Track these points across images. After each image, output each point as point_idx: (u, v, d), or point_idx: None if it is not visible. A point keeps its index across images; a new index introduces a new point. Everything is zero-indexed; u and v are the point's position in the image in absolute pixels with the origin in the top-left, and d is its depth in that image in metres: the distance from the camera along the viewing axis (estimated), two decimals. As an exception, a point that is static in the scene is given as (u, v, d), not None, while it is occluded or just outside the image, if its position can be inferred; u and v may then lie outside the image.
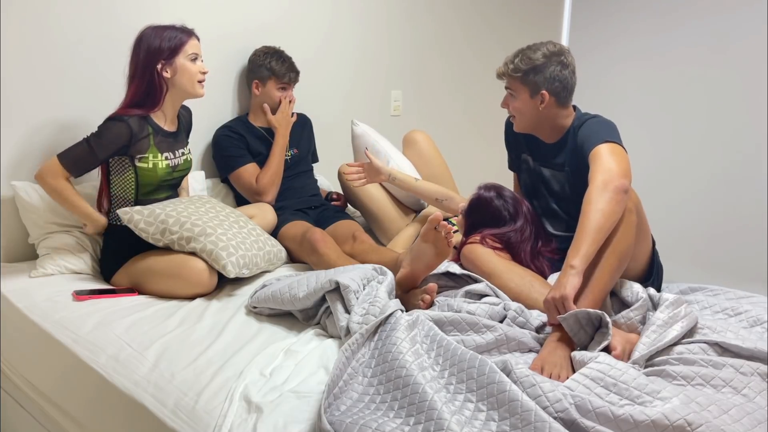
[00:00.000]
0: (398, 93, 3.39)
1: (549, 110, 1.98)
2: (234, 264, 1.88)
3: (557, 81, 1.95)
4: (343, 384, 1.32)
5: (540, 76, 1.94)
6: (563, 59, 1.96)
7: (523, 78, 1.96)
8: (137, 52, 1.96)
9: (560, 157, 2.03)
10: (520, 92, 1.98)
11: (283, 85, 2.56)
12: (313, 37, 2.95)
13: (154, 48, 1.94)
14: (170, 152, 2.04)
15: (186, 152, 2.12)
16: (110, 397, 1.48)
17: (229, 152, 2.49)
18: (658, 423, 1.13)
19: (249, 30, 2.68)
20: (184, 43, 1.97)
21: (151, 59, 1.94)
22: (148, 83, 1.95)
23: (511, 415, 1.17)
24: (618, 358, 1.42)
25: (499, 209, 2.01)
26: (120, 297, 1.86)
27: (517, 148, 2.23)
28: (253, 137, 2.55)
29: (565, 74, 1.96)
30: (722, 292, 1.79)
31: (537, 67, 1.94)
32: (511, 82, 1.99)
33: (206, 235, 1.89)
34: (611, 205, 1.61)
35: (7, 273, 2.01)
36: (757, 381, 1.35)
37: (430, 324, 1.48)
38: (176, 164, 2.07)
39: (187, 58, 1.98)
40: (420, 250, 1.71)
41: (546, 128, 2.03)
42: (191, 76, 2.00)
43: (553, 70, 1.94)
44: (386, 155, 2.54)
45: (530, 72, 1.94)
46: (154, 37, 1.95)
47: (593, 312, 1.48)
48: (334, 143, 3.00)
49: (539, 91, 1.95)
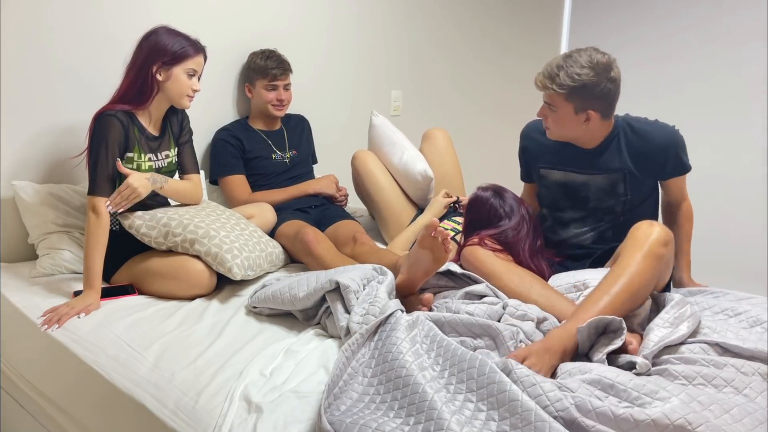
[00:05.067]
0: (398, 93, 3.39)
1: (592, 125, 1.88)
2: (239, 266, 1.88)
3: (605, 99, 1.82)
4: (343, 384, 1.32)
5: (589, 94, 1.80)
6: (612, 75, 1.81)
7: (569, 95, 1.81)
8: (142, 47, 1.93)
9: (605, 160, 1.96)
10: (563, 107, 1.85)
11: (271, 84, 2.54)
12: (312, 39, 2.95)
13: (159, 48, 1.91)
14: (153, 154, 2.00)
15: (171, 155, 2.07)
16: (110, 398, 1.48)
17: (223, 159, 2.51)
18: (659, 422, 1.13)
19: (249, 35, 2.68)
20: (189, 56, 1.94)
21: (151, 57, 1.91)
22: (143, 80, 1.92)
23: (511, 414, 1.16)
24: (634, 352, 1.42)
25: (495, 207, 2.02)
26: (120, 298, 1.86)
27: (533, 162, 2.13)
28: (251, 141, 2.56)
29: (612, 88, 1.82)
30: (722, 294, 1.79)
31: (586, 86, 1.79)
32: (554, 97, 1.84)
33: (210, 237, 1.89)
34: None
35: (7, 273, 2.01)
36: (759, 381, 1.35)
37: (430, 324, 1.47)
38: (159, 167, 2.03)
39: (185, 72, 1.94)
40: (417, 256, 1.71)
41: (585, 139, 1.95)
42: (181, 89, 1.95)
43: (604, 88, 1.80)
44: (402, 147, 2.55)
45: (578, 89, 1.80)
46: (163, 37, 1.92)
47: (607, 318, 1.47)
48: (335, 143, 3.01)
49: (586, 109, 1.84)
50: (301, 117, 2.79)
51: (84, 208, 2.14)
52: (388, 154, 2.59)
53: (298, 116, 2.78)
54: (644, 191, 1.99)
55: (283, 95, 2.57)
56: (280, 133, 2.66)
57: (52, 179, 2.19)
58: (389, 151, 2.58)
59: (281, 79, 2.55)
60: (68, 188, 2.17)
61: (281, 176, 2.59)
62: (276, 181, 2.57)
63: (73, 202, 2.14)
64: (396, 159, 2.55)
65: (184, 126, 2.14)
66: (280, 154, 2.61)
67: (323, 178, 2.62)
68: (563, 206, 2.07)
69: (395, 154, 2.56)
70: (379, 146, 2.62)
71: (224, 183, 2.52)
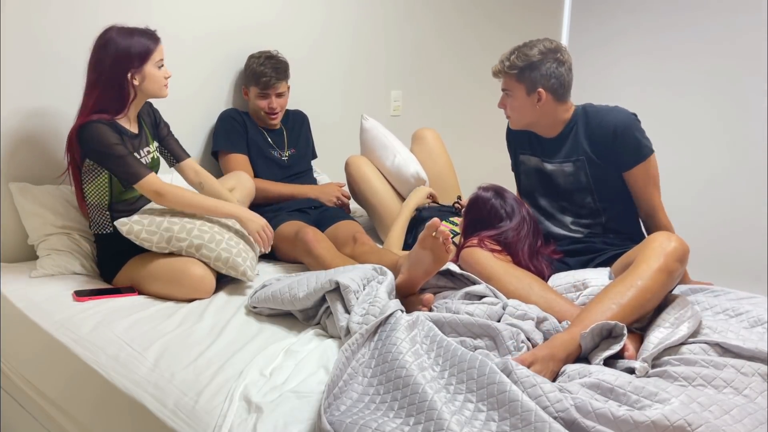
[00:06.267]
0: (398, 93, 3.39)
1: (546, 107, 1.98)
2: (250, 268, 1.92)
3: (553, 78, 1.95)
4: (343, 384, 1.32)
5: (536, 73, 1.94)
6: (559, 56, 1.96)
7: (519, 75, 1.96)
8: (103, 57, 1.89)
9: (566, 148, 2.03)
10: (516, 90, 1.98)
11: (263, 92, 2.51)
12: (311, 39, 2.95)
13: (123, 55, 1.88)
14: (137, 152, 2.00)
15: (152, 150, 2.07)
16: (110, 398, 1.48)
17: (228, 135, 2.51)
18: (659, 424, 1.13)
19: (244, 30, 2.68)
20: (152, 50, 1.92)
21: (120, 66, 1.88)
22: (117, 89, 1.90)
23: (511, 415, 1.16)
24: (631, 357, 1.42)
25: (495, 208, 2.01)
26: (120, 297, 1.86)
27: (516, 149, 2.22)
28: (254, 132, 2.57)
29: (561, 71, 1.96)
30: (723, 293, 1.78)
31: (533, 64, 1.94)
32: (507, 79, 1.99)
33: (217, 242, 1.90)
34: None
35: (7, 273, 2.01)
36: (759, 382, 1.35)
37: (430, 324, 1.47)
38: (144, 164, 2.01)
39: (155, 65, 1.94)
40: (418, 256, 1.70)
41: (544, 124, 2.03)
42: (158, 82, 1.96)
43: (549, 66, 1.94)
44: (393, 150, 2.55)
45: (526, 69, 1.95)
46: (121, 42, 1.89)
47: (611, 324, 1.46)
48: (335, 143, 3.00)
49: (536, 88, 1.95)
50: (301, 113, 2.78)
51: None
52: (380, 158, 2.59)
53: (298, 113, 2.78)
54: (609, 182, 2.01)
55: (275, 103, 2.53)
56: (280, 132, 2.66)
57: (51, 181, 2.18)
58: (381, 154, 2.59)
59: (273, 87, 2.51)
60: (67, 189, 2.16)
61: (278, 174, 2.58)
62: (273, 178, 2.57)
63: (72, 203, 2.14)
64: (388, 162, 2.56)
65: (159, 120, 2.15)
66: (278, 151, 2.61)
67: (326, 186, 2.61)
68: (539, 194, 2.13)
69: (387, 157, 2.57)
70: (372, 150, 2.62)
71: (227, 160, 2.49)
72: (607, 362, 1.42)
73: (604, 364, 1.41)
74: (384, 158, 2.58)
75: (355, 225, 2.38)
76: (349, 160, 2.62)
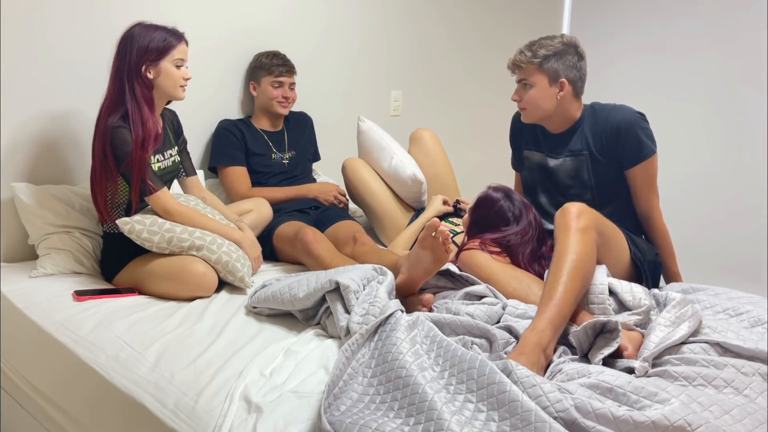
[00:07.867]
0: (398, 93, 3.39)
1: (565, 99, 1.98)
2: (248, 275, 1.94)
3: (575, 69, 1.96)
4: (343, 384, 1.32)
5: (560, 63, 1.94)
6: (580, 50, 1.98)
7: (542, 64, 1.94)
8: (124, 50, 1.91)
9: (571, 144, 2.03)
10: (538, 80, 1.96)
11: (277, 80, 2.55)
12: (311, 39, 2.95)
13: (143, 48, 1.90)
14: (161, 154, 2.02)
15: (173, 154, 2.09)
16: (110, 397, 1.48)
17: (225, 149, 2.52)
18: (659, 424, 1.13)
19: (249, 31, 2.69)
20: (173, 47, 1.93)
21: (139, 59, 1.90)
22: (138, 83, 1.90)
23: (512, 415, 1.16)
24: (630, 357, 1.41)
25: (503, 210, 2.00)
26: (120, 297, 1.86)
27: (520, 144, 2.22)
28: (253, 138, 2.57)
29: (581, 65, 1.98)
30: (723, 292, 1.78)
31: (558, 53, 1.94)
32: (528, 70, 1.97)
33: (218, 245, 1.91)
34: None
35: (7, 273, 2.01)
36: (759, 382, 1.35)
37: (430, 324, 1.47)
38: (165, 166, 2.04)
39: (173, 63, 1.94)
40: (418, 256, 1.70)
41: (557, 118, 2.03)
42: (174, 81, 1.96)
43: (572, 58, 1.95)
44: (391, 152, 2.55)
45: (551, 57, 1.94)
46: (143, 36, 1.91)
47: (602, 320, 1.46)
48: (335, 143, 3.00)
49: (559, 78, 1.95)
50: (304, 115, 2.79)
51: (84, 209, 2.14)
52: (377, 160, 2.59)
53: (301, 114, 2.78)
54: (610, 179, 2.01)
55: (289, 93, 2.59)
56: (281, 134, 2.66)
57: (51, 180, 2.18)
58: (378, 156, 2.58)
59: (287, 76, 2.57)
60: (67, 189, 2.17)
61: (278, 176, 2.59)
62: (273, 181, 2.57)
63: (72, 203, 2.14)
64: (386, 164, 2.55)
65: (180, 128, 2.16)
66: (279, 154, 2.61)
67: (324, 185, 2.61)
68: (541, 190, 2.13)
69: (384, 159, 2.56)
70: (369, 152, 2.61)
71: (225, 174, 2.51)
72: (607, 362, 1.42)
73: (604, 363, 1.41)
74: (381, 160, 2.57)
75: (355, 225, 2.38)
76: (346, 162, 2.60)
